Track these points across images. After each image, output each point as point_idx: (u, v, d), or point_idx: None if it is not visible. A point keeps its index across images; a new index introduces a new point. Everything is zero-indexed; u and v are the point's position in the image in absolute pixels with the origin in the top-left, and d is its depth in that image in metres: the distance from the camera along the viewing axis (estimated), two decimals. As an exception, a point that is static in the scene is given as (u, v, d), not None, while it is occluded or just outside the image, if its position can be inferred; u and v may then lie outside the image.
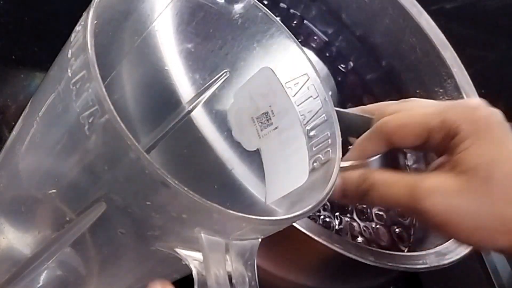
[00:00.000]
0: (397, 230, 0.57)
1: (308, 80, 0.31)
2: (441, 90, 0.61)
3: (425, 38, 0.62)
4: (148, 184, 0.22)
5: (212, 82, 0.34)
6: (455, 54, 0.61)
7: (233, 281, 0.24)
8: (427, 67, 0.62)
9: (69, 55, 0.24)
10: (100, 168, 0.23)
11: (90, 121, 0.22)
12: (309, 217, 0.45)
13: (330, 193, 0.26)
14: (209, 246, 0.23)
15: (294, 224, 0.40)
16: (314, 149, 0.30)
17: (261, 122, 0.33)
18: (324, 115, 0.30)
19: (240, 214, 0.22)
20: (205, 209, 0.22)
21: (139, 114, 0.35)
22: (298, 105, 0.31)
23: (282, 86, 0.32)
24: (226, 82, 0.34)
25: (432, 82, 0.61)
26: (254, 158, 0.34)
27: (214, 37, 0.32)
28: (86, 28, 0.23)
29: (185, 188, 0.21)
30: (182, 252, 0.25)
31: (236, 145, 0.35)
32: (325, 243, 0.40)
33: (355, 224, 0.55)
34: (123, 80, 0.33)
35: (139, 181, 0.22)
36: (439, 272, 0.47)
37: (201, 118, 0.35)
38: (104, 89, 0.22)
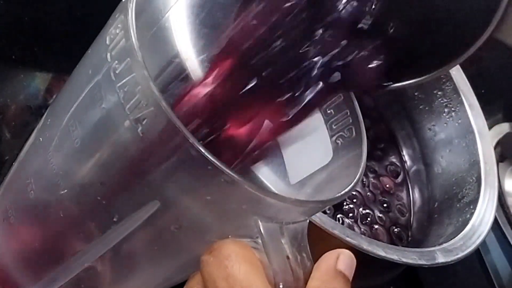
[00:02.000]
0: (395, 230, 0.59)
1: (320, 61, 0.32)
2: (439, 93, 0.63)
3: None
4: (210, 180, 0.22)
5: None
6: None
7: (291, 264, 0.25)
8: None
9: (109, 59, 0.24)
10: (156, 169, 0.23)
11: (144, 122, 0.22)
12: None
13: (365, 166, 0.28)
14: (267, 232, 0.24)
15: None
16: (334, 127, 0.31)
17: (273, 105, 0.34)
18: (340, 94, 0.31)
19: (300, 199, 0.23)
20: (267, 199, 0.23)
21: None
22: (311, 86, 0.32)
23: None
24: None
25: (431, 84, 0.63)
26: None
27: (224, 25, 0.32)
28: (128, 31, 0.23)
29: (249, 183, 0.22)
30: (236, 241, 0.25)
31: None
32: (338, 236, 0.41)
33: (355, 225, 0.56)
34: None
35: (200, 178, 0.22)
36: (439, 272, 0.48)
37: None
38: (158, 91, 0.22)
